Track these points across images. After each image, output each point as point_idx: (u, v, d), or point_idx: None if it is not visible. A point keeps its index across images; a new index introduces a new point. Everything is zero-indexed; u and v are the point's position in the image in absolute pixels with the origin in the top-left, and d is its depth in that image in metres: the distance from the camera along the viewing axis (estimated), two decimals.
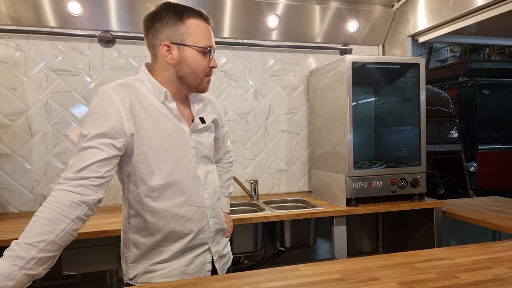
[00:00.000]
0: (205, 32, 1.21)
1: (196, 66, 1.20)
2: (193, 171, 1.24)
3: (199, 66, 1.20)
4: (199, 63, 1.20)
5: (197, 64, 1.20)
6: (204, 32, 1.21)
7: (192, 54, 1.19)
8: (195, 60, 1.19)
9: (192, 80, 1.22)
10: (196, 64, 1.20)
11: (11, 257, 0.90)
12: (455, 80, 7.85)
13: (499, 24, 2.27)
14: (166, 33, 1.18)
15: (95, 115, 1.11)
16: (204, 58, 1.21)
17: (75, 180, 1.03)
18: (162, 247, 1.22)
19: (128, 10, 2.38)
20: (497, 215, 2.19)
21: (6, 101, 2.30)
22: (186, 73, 1.21)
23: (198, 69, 1.21)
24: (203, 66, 1.21)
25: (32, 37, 2.33)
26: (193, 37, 1.18)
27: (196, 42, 1.19)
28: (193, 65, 1.20)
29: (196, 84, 1.23)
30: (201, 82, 1.23)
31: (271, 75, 2.79)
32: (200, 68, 1.21)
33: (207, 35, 1.22)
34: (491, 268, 1.18)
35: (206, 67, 1.22)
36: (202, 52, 1.20)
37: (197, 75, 1.21)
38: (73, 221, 1.01)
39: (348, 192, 2.23)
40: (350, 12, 2.71)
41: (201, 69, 1.21)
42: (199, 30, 1.20)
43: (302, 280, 1.13)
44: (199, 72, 1.21)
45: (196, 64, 1.20)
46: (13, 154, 2.33)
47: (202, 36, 1.20)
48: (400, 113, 2.60)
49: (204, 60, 1.21)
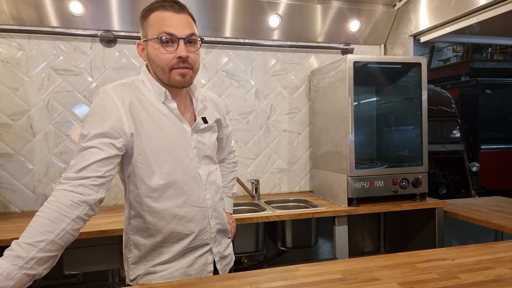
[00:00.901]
0: (164, 21, 1.13)
1: (157, 58, 1.14)
2: (195, 171, 1.23)
3: (159, 59, 1.14)
4: (158, 55, 1.14)
5: (156, 56, 1.14)
6: (163, 21, 1.13)
7: (152, 48, 1.15)
8: (155, 53, 1.14)
9: (161, 75, 1.17)
10: (156, 57, 1.14)
11: (11, 257, 0.90)
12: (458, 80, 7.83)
13: (501, 23, 2.26)
14: (140, 34, 1.20)
15: (95, 115, 1.11)
16: (165, 49, 1.13)
17: (75, 180, 1.03)
18: (163, 248, 1.21)
19: (129, 9, 2.38)
20: (499, 215, 2.18)
21: (8, 100, 2.31)
22: (155, 69, 1.18)
23: (159, 61, 1.14)
24: (163, 58, 1.13)
25: (34, 37, 2.33)
26: (152, 30, 1.14)
27: (153, 34, 1.13)
28: (154, 58, 1.15)
29: (166, 78, 1.17)
30: (170, 76, 1.16)
31: (273, 75, 2.79)
32: (161, 61, 1.14)
33: (169, 23, 1.13)
34: (492, 269, 1.18)
35: (170, 58, 1.13)
36: (162, 43, 1.12)
37: (162, 69, 1.15)
38: (73, 221, 1.00)
39: (349, 192, 2.22)
40: (351, 11, 2.70)
41: (163, 61, 1.14)
42: (158, 21, 1.14)
43: (302, 280, 1.13)
44: (162, 65, 1.15)
45: (156, 56, 1.14)
46: (15, 154, 2.33)
47: (158, 26, 1.13)
48: (401, 113, 2.59)
49: (165, 51, 1.13)
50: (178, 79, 1.16)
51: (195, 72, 1.21)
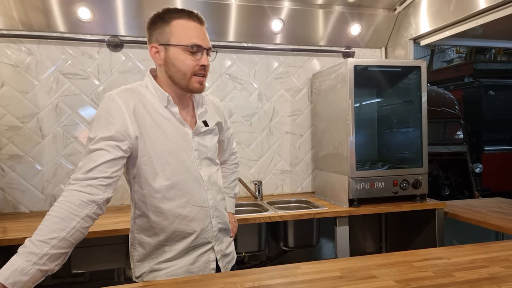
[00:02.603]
0: (190, 30, 1.22)
1: (181, 64, 1.21)
2: (196, 173, 1.28)
3: (184, 65, 1.21)
4: (184, 61, 1.21)
5: (181, 62, 1.21)
6: (190, 31, 1.22)
7: (176, 53, 1.21)
8: (179, 58, 1.21)
9: (180, 80, 1.24)
10: (180, 63, 1.21)
11: (25, 253, 0.95)
12: (461, 81, 7.83)
13: (501, 27, 2.29)
14: (155, 36, 1.23)
15: (101, 119, 1.17)
16: (191, 57, 1.21)
17: (84, 180, 1.08)
18: (167, 246, 1.26)
19: (135, 15, 2.44)
20: (498, 216, 2.21)
21: (18, 104, 2.37)
22: (173, 73, 1.23)
23: (183, 67, 1.21)
24: (188, 64, 1.21)
25: (43, 42, 2.40)
26: (177, 37, 1.20)
27: (180, 41, 1.20)
28: (177, 63, 1.21)
29: (185, 83, 1.24)
30: (190, 82, 1.23)
31: (275, 78, 2.84)
32: (185, 67, 1.21)
33: (194, 33, 1.22)
34: (487, 267, 1.22)
35: (193, 65, 1.22)
36: (188, 51, 1.20)
37: (184, 73, 1.22)
38: (83, 219, 1.06)
39: (350, 193, 2.27)
40: (353, 15, 2.75)
41: (187, 68, 1.22)
42: (183, 29, 1.21)
43: (303, 278, 1.17)
44: (185, 71, 1.22)
45: (181, 62, 1.21)
46: (25, 155, 2.40)
47: (186, 34, 1.21)
48: (402, 115, 2.63)
49: (191, 59, 1.21)
50: (197, 86, 1.25)
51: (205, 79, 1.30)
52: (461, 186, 5.35)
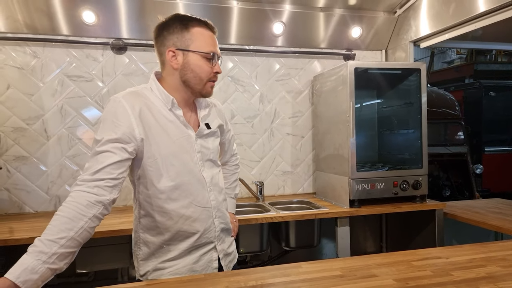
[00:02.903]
0: (208, 39, 1.29)
1: (200, 70, 1.27)
2: (199, 174, 1.31)
3: (202, 71, 1.28)
4: (202, 67, 1.27)
5: (200, 68, 1.27)
6: (208, 39, 1.29)
7: (196, 59, 1.27)
8: (198, 64, 1.27)
9: (195, 84, 1.29)
10: (199, 69, 1.27)
11: (35, 253, 0.98)
12: (461, 82, 7.84)
13: (500, 29, 2.32)
14: (172, 40, 1.26)
15: (107, 122, 1.19)
16: (208, 63, 1.28)
17: (91, 181, 1.11)
18: (171, 245, 1.29)
19: (138, 18, 2.48)
20: (497, 217, 2.24)
21: (24, 106, 2.41)
22: (190, 77, 1.28)
23: (202, 73, 1.28)
24: (206, 70, 1.28)
25: (48, 45, 2.43)
26: (197, 43, 1.26)
27: (199, 48, 1.26)
28: (196, 69, 1.27)
29: (199, 88, 1.30)
30: (204, 87, 1.30)
31: (277, 80, 2.87)
32: (203, 73, 1.28)
33: (211, 42, 1.29)
34: (484, 267, 1.25)
35: (210, 72, 1.29)
36: (206, 58, 1.27)
37: (201, 79, 1.28)
38: (90, 219, 1.09)
39: (351, 194, 2.30)
40: (353, 18, 2.78)
41: (204, 74, 1.28)
42: (203, 37, 1.28)
43: (304, 277, 1.20)
44: (202, 76, 1.28)
45: (199, 68, 1.27)
46: (30, 157, 2.43)
47: (205, 42, 1.28)
48: (402, 117, 2.66)
49: (207, 65, 1.28)
50: (210, 90, 1.33)
51: None
52: (462, 186, 5.37)
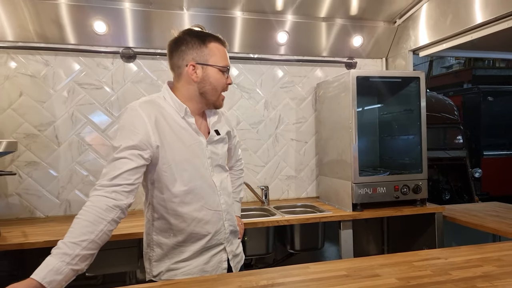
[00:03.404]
0: (223, 54, 1.41)
1: (217, 83, 1.39)
2: (210, 179, 1.40)
3: (219, 83, 1.40)
4: (219, 80, 1.39)
5: (217, 81, 1.39)
6: (223, 54, 1.41)
7: (214, 73, 1.38)
8: (216, 77, 1.38)
9: (211, 96, 1.40)
10: (217, 81, 1.39)
11: (59, 254, 1.05)
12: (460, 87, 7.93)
13: (496, 39, 2.40)
14: (192, 55, 1.36)
15: (125, 129, 1.27)
16: (223, 76, 1.40)
17: (109, 187, 1.19)
18: (183, 247, 1.36)
19: (146, 28, 2.56)
20: (494, 220, 2.32)
21: (36, 113, 2.49)
22: (208, 90, 1.38)
23: (218, 85, 1.40)
24: (222, 83, 1.40)
25: (60, 54, 2.52)
26: (214, 58, 1.38)
27: (217, 62, 1.38)
28: (214, 82, 1.38)
29: (214, 99, 1.41)
30: (218, 98, 1.42)
31: (281, 87, 2.95)
32: (220, 85, 1.40)
33: (225, 56, 1.41)
34: (481, 266, 1.32)
35: (224, 83, 1.41)
36: (221, 71, 1.39)
37: (217, 91, 1.40)
38: (109, 223, 1.16)
39: (354, 198, 2.37)
40: (354, 28, 2.87)
41: (220, 86, 1.41)
42: (219, 52, 1.39)
43: (312, 276, 1.28)
44: (218, 88, 1.40)
45: (217, 81, 1.39)
46: (41, 162, 2.50)
47: (221, 57, 1.39)
48: (402, 123, 2.74)
49: (223, 78, 1.40)
50: (222, 103, 1.46)
51: None
52: (461, 190, 5.43)
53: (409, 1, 2.68)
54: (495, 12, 2.06)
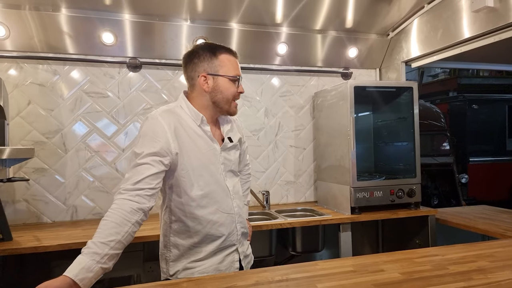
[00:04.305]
0: (234, 64, 1.48)
1: (227, 92, 1.47)
2: (224, 183, 1.49)
3: (230, 92, 1.47)
4: (230, 89, 1.47)
5: (228, 90, 1.46)
6: (233, 64, 1.48)
7: (224, 82, 1.46)
8: (226, 87, 1.46)
9: (224, 104, 1.48)
10: (227, 91, 1.46)
11: (90, 254, 1.13)
12: (446, 95, 8.18)
13: (484, 53, 2.58)
14: (203, 67, 1.46)
15: (147, 137, 1.37)
16: (233, 85, 1.47)
17: (133, 190, 1.27)
18: (199, 247, 1.45)
19: (151, 39, 2.65)
20: (484, 222, 2.46)
21: (44, 120, 2.55)
22: (219, 98, 1.47)
23: (229, 94, 1.47)
24: (233, 92, 1.47)
25: (68, 63, 2.59)
26: (225, 69, 1.46)
27: (227, 72, 1.46)
28: (225, 91, 1.46)
29: (227, 107, 1.49)
30: (230, 106, 1.49)
31: (280, 96, 3.08)
32: (230, 94, 1.47)
33: (236, 66, 1.49)
34: (475, 262, 1.44)
35: (235, 92, 1.48)
36: (232, 81, 1.47)
37: (228, 99, 1.47)
38: (133, 225, 1.25)
39: (352, 202, 2.49)
40: (350, 40, 3.02)
41: (231, 95, 1.47)
42: (229, 63, 1.47)
43: (322, 272, 1.38)
44: (229, 97, 1.47)
45: (227, 90, 1.46)
46: (49, 169, 2.56)
47: (231, 67, 1.47)
48: (396, 130, 2.88)
49: (234, 87, 1.47)
50: (235, 110, 1.53)
51: None
52: (449, 195, 5.61)
53: (401, 15, 2.85)
54: (483, 28, 2.23)
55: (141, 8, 2.51)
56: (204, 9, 2.59)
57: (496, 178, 6.50)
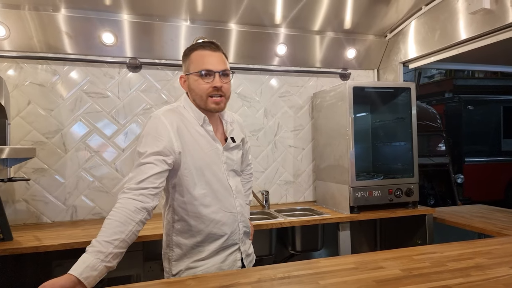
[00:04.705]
0: (205, 59, 1.42)
1: (198, 89, 1.43)
2: (226, 183, 1.50)
3: (200, 89, 1.42)
4: (200, 85, 1.42)
5: (198, 87, 1.42)
6: (204, 59, 1.42)
7: (193, 80, 1.44)
8: (196, 84, 1.44)
9: (199, 102, 1.46)
10: (197, 87, 1.43)
11: (94, 252, 1.13)
12: (442, 96, 8.25)
13: (480, 54, 2.62)
14: (183, 69, 1.49)
15: (150, 136, 1.38)
16: (204, 81, 1.41)
17: (136, 190, 1.28)
18: (202, 247, 1.46)
19: (150, 39, 2.66)
20: (480, 220, 2.50)
21: (44, 120, 2.55)
22: (195, 97, 1.46)
23: (200, 91, 1.42)
24: (203, 88, 1.41)
25: (69, 64, 2.60)
26: (194, 66, 1.44)
27: (195, 69, 1.43)
28: (195, 88, 1.44)
29: (203, 105, 1.44)
30: (207, 103, 1.43)
31: (279, 96, 3.10)
32: (201, 90, 1.42)
33: (207, 60, 1.41)
34: (473, 259, 1.47)
35: (207, 88, 1.41)
36: (201, 76, 1.41)
37: (201, 96, 1.43)
38: (137, 224, 1.25)
39: (351, 201, 2.51)
40: (348, 41, 3.05)
41: (203, 91, 1.42)
42: (199, 58, 1.43)
43: (324, 269, 1.40)
44: (201, 94, 1.42)
45: (197, 87, 1.43)
46: (48, 169, 2.56)
47: (200, 62, 1.42)
48: (394, 130, 2.91)
49: (205, 83, 1.41)
50: (213, 106, 1.44)
51: (227, 99, 1.50)
52: (445, 195, 5.66)
53: (399, 17, 2.89)
54: (479, 29, 2.27)
55: (141, 9, 2.52)
56: (204, 10, 2.61)
57: (491, 178, 6.58)
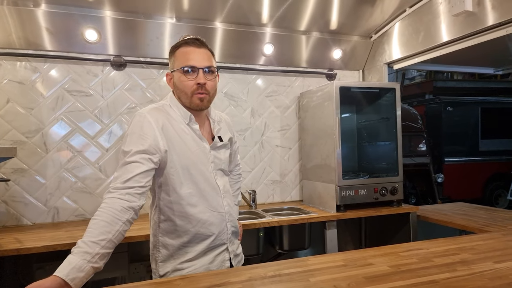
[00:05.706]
0: (188, 55, 1.39)
1: (182, 85, 1.41)
2: (214, 182, 1.49)
3: (184, 85, 1.40)
4: (183, 82, 1.40)
5: (181, 83, 1.41)
6: (188, 55, 1.39)
7: (177, 76, 1.43)
8: (180, 80, 1.42)
9: (184, 100, 1.44)
10: (181, 84, 1.41)
11: (80, 253, 1.10)
12: (422, 97, 8.46)
13: (460, 56, 2.69)
14: (169, 66, 1.48)
15: (134, 135, 1.35)
16: (187, 78, 1.39)
17: (123, 189, 1.25)
18: (188, 247, 1.44)
19: (135, 37, 2.61)
20: (462, 217, 2.57)
21: (23, 119, 2.46)
22: (180, 94, 1.44)
23: (184, 87, 1.40)
24: (187, 84, 1.39)
25: (50, 61, 2.52)
26: (177, 62, 1.43)
27: (179, 65, 1.41)
28: (179, 85, 1.43)
29: (187, 102, 1.42)
30: (191, 100, 1.41)
31: (266, 96, 3.10)
32: (185, 87, 1.40)
33: (190, 57, 1.39)
34: (458, 254, 1.51)
35: (191, 85, 1.39)
36: (185, 73, 1.39)
37: (185, 93, 1.41)
38: (124, 223, 1.22)
39: (338, 200, 2.54)
40: (334, 41, 3.08)
41: (187, 87, 1.40)
42: (183, 54, 1.42)
43: (313, 267, 1.40)
44: (186, 90, 1.40)
45: (181, 83, 1.41)
46: (28, 169, 2.47)
47: (184, 59, 1.40)
48: (379, 130, 2.96)
49: (189, 80, 1.39)
50: (198, 102, 1.42)
51: (212, 96, 1.48)
52: (426, 194, 5.80)
53: (384, 18, 2.94)
54: (462, 31, 2.33)
55: (125, 5, 2.47)
56: (189, 8, 2.58)
57: (469, 178, 6.77)
